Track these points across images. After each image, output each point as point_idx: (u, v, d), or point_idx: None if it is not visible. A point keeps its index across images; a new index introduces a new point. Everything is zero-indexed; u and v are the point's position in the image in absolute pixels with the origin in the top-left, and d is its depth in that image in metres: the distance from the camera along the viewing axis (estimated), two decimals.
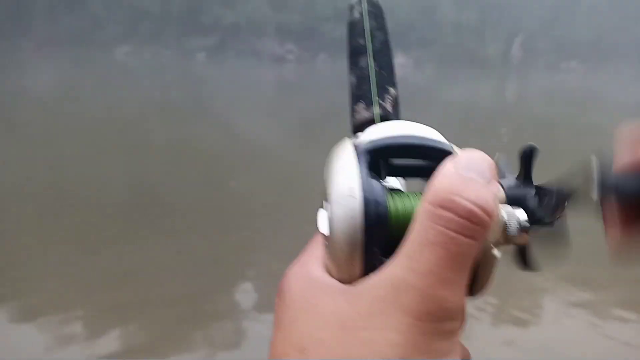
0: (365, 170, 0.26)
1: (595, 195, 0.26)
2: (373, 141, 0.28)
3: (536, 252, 0.27)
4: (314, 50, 37.40)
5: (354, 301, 0.24)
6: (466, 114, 15.96)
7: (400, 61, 42.71)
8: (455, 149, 0.28)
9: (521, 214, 0.26)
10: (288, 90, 21.42)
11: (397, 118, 0.33)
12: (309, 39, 37.87)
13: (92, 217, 4.99)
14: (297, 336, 0.25)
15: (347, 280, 0.25)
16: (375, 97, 0.33)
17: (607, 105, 19.82)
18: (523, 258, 0.27)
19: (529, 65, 41.75)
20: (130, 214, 5.24)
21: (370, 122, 0.32)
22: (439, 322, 0.23)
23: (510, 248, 0.27)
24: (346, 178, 0.25)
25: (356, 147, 0.28)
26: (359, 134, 0.30)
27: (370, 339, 0.23)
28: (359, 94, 0.33)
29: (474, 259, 0.24)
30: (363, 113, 0.32)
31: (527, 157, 0.28)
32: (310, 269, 0.27)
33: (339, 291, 0.25)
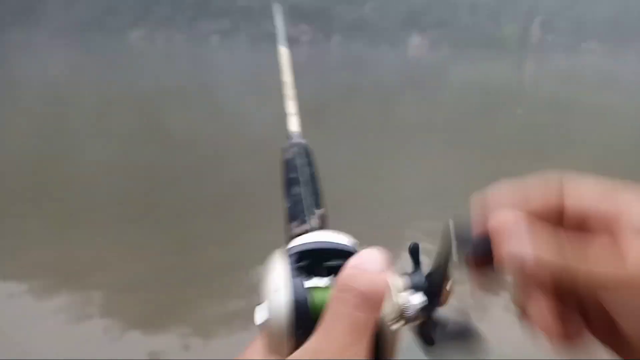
0: (291, 270, 0.32)
1: (455, 256, 0.32)
2: (296, 246, 0.34)
3: (453, 350, 0.32)
4: (328, 31, 37.02)
5: None
6: (482, 95, 15.69)
7: (415, 42, 42.03)
8: (359, 249, 0.34)
9: (416, 298, 0.32)
10: (301, 73, 21.24)
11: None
12: (322, 20, 37.45)
13: (89, 203, 4.97)
14: None
15: (284, 357, 0.31)
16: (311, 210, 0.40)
17: (627, 87, 19.34)
18: (422, 335, 0.33)
19: (546, 45, 40.90)
20: (129, 206, 5.21)
21: (302, 235, 0.38)
22: None
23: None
24: (277, 277, 0.32)
25: (285, 253, 0.34)
26: (290, 243, 0.36)
27: None
28: (293, 215, 0.40)
29: (371, 329, 0.30)
30: (295, 230, 0.39)
31: (415, 252, 0.34)
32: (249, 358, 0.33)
33: None
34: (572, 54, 37.59)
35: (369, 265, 0.30)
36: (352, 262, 0.31)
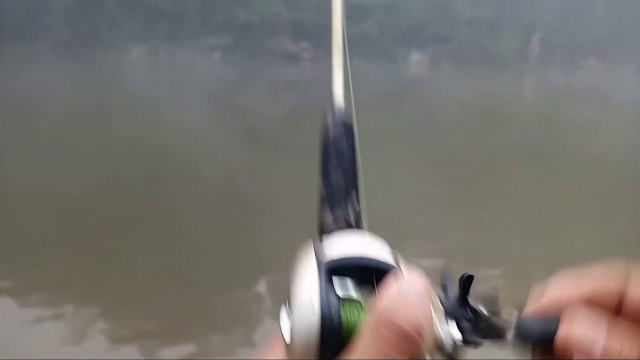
0: (324, 287, 0.29)
1: (510, 338, 0.29)
2: (333, 260, 0.31)
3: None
4: (329, 48, 37.25)
5: None
6: (480, 111, 15.78)
7: (415, 58, 42.34)
8: (402, 264, 0.32)
9: (455, 331, 0.30)
10: (301, 89, 21.37)
11: (359, 227, 0.37)
12: (323, 37, 37.77)
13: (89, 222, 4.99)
14: None
15: None
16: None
17: (625, 104, 19.44)
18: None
19: (545, 62, 41.20)
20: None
21: (336, 230, 0.36)
22: None
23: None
24: (308, 292, 0.29)
25: (319, 260, 0.31)
26: (324, 244, 0.33)
27: None
28: (327, 204, 0.37)
29: None
30: (330, 222, 0.37)
31: (466, 284, 0.31)
32: None
33: None
34: (570, 70, 37.86)
35: (412, 295, 0.27)
36: (392, 288, 0.28)
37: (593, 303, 0.29)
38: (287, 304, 0.30)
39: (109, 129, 9.85)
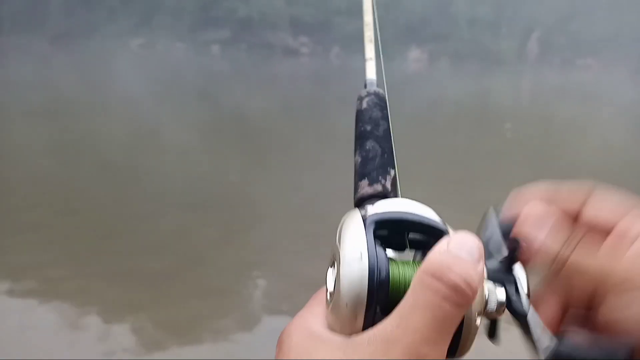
0: (372, 239, 0.29)
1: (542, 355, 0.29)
2: (379, 214, 0.31)
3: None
4: (328, 43, 37.23)
5: (348, 353, 0.27)
6: (478, 109, 15.81)
7: (414, 55, 42.30)
8: (449, 228, 0.32)
9: (500, 294, 0.30)
10: (299, 84, 21.34)
11: (396, 196, 0.37)
12: (322, 32, 37.69)
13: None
14: None
15: (349, 334, 0.28)
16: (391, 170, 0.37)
17: (622, 104, 19.50)
18: (491, 330, 0.32)
19: (544, 61, 41.22)
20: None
21: (373, 197, 0.35)
22: None
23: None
24: (356, 244, 0.29)
25: (364, 218, 0.31)
26: (367, 206, 0.32)
27: None
28: (363, 172, 0.37)
29: (456, 325, 0.27)
30: (366, 189, 0.36)
31: (513, 250, 0.32)
32: (310, 323, 0.29)
33: (336, 344, 0.28)
34: (568, 70, 37.90)
35: (465, 253, 0.27)
36: (445, 244, 0.28)
37: (553, 203, 0.32)
38: (332, 264, 0.30)
39: (98, 124, 9.82)
